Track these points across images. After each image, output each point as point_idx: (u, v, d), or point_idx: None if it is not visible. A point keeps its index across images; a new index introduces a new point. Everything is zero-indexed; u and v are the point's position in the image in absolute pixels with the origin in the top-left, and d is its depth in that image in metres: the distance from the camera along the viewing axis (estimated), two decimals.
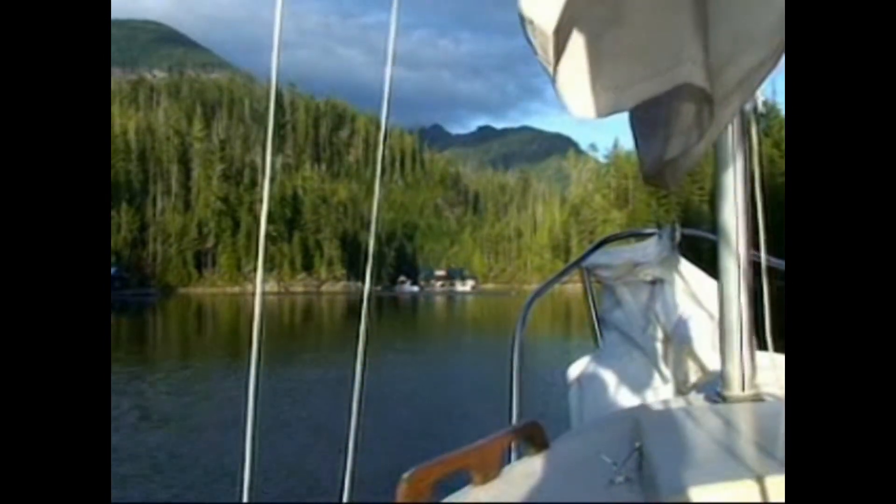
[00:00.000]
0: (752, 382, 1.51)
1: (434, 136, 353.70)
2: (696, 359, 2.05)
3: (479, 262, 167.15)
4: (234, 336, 28.89)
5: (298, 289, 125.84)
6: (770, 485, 0.93)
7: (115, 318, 40.19)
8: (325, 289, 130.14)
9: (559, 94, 1.13)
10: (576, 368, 2.32)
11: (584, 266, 2.43)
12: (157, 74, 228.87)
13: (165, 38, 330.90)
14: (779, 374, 1.51)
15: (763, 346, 1.57)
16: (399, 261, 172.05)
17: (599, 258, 2.40)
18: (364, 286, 1.66)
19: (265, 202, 1.54)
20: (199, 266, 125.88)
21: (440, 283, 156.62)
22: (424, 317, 55.05)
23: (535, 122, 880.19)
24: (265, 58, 1.42)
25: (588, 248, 2.47)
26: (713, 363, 1.95)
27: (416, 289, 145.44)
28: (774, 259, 1.52)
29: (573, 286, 2.73)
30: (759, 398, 1.49)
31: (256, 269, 1.59)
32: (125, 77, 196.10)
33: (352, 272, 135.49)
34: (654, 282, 2.29)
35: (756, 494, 0.93)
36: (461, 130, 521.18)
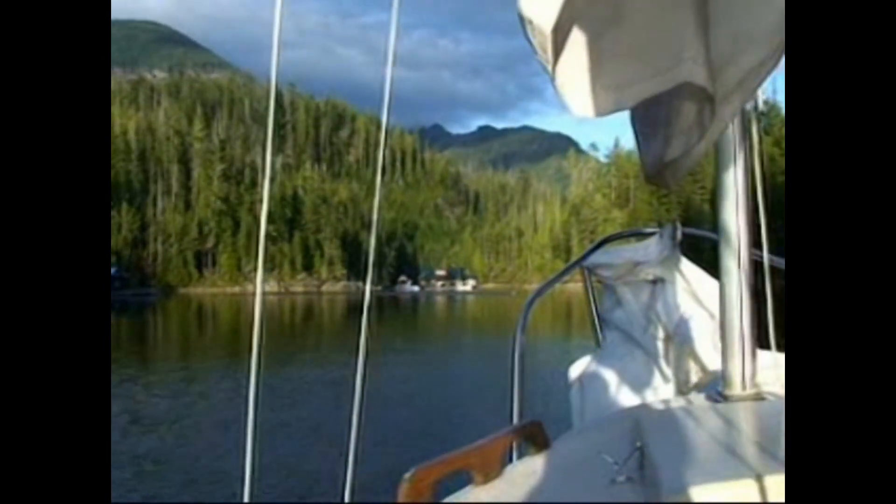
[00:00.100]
0: (753, 382, 1.51)
1: (434, 136, 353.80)
2: (697, 358, 2.05)
3: (480, 262, 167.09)
4: (235, 336, 28.88)
5: (299, 289, 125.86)
6: (771, 484, 0.93)
7: (116, 318, 40.21)
8: (326, 289, 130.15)
9: (559, 93, 1.13)
10: (577, 368, 2.32)
11: (585, 265, 2.43)
12: (158, 74, 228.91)
13: (165, 38, 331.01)
14: (779, 374, 1.51)
15: (764, 346, 1.57)
16: (399, 260, 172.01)
17: (600, 258, 2.40)
18: (364, 286, 1.66)
19: (265, 202, 1.54)
20: (200, 266, 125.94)
21: (441, 283, 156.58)
22: (425, 316, 55.05)
23: (536, 122, 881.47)
24: (265, 58, 1.42)
25: (589, 248, 2.47)
26: (714, 362, 1.94)
27: (417, 288, 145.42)
28: (775, 258, 1.52)
29: (574, 286, 2.73)
30: (760, 397, 1.49)
31: (257, 269, 1.59)
32: (125, 77, 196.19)
33: (352, 272, 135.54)
34: (655, 281, 2.29)
35: (757, 494, 0.92)
36: (461, 130, 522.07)
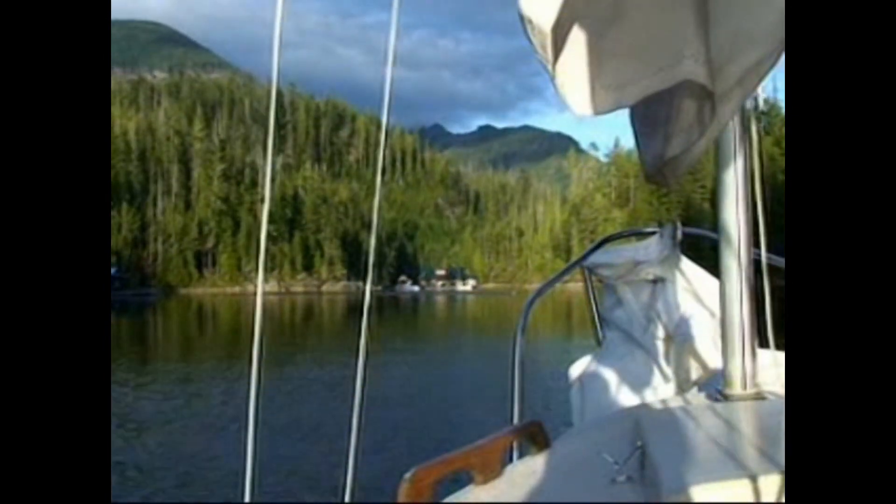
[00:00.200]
0: (754, 381, 1.50)
1: (434, 136, 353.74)
2: (698, 357, 2.05)
3: (480, 262, 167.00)
4: (235, 336, 28.89)
5: (299, 289, 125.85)
6: (771, 483, 0.92)
7: (116, 319, 40.22)
8: (326, 289, 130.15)
9: (559, 92, 1.13)
10: (577, 368, 2.32)
11: (586, 265, 2.42)
12: (158, 75, 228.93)
13: (165, 39, 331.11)
14: (780, 373, 1.51)
15: (763, 344, 1.57)
16: (400, 260, 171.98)
17: (600, 257, 2.40)
18: (365, 286, 1.66)
19: (266, 202, 1.54)
20: (200, 266, 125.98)
21: (441, 283, 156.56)
22: (425, 316, 55.04)
23: (536, 122, 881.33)
24: (265, 58, 1.42)
25: (589, 248, 2.47)
26: (715, 362, 1.94)
27: (417, 288, 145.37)
28: (775, 257, 1.52)
29: (574, 285, 2.73)
30: (761, 396, 1.48)
31: (257, 270, 1.59)
32: (125, 77, 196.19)
33: (352, 272, 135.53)
34: (656, 281, 2.29)
35: (758, 494, 0.92)
36: (461, 130, 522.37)
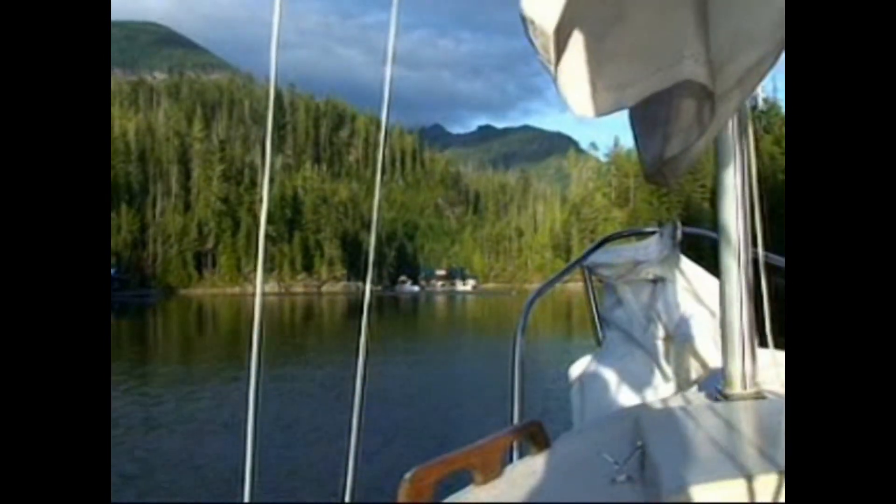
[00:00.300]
0: (754, 380, 1.50)
1: (434, 136, 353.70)
2: (698, 357, 2.05)
3: (480, 262, 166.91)
4: (235, 337, 28.89)
5: (299, 289, 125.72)
6: (771, 483, 0.92)
7: (115, 320, 40.20)
8: (326, 289, 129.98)
9: (560, 94, 1.13)
10: (577, 367, 2.32)
11: (586, 265, 2.43)
12: (157, 76, 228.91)
13: (165, 40, 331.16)
14: (780, 372, 1.51)
15: (762, 344, 1.57)
16: (399, 260, 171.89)
17: (600, 257, 2.40)
18: (365, 286, 1.66)
19: (265, 203, 1.54)
20: (200, 267, 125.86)
21: (441, 283, 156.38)
22: (425, 316, 55.03)
23: (536, 122, 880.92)
24: (265, 58, 1.42)
25: (589, 247, 2.47)
26: (715, 361, 1.94)
27: (417, 288, 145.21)
28: (775, 256, 1.52)
29: (574, 285, 2.73)
30: (761, 396, 1.48)
31: (257, 270, 1.59)
32: (125, 78, 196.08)
33: (352, 272, 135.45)
34: (656, 280, 2.29)
35: (758, 493, 0.92)
36: (461, 130, 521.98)
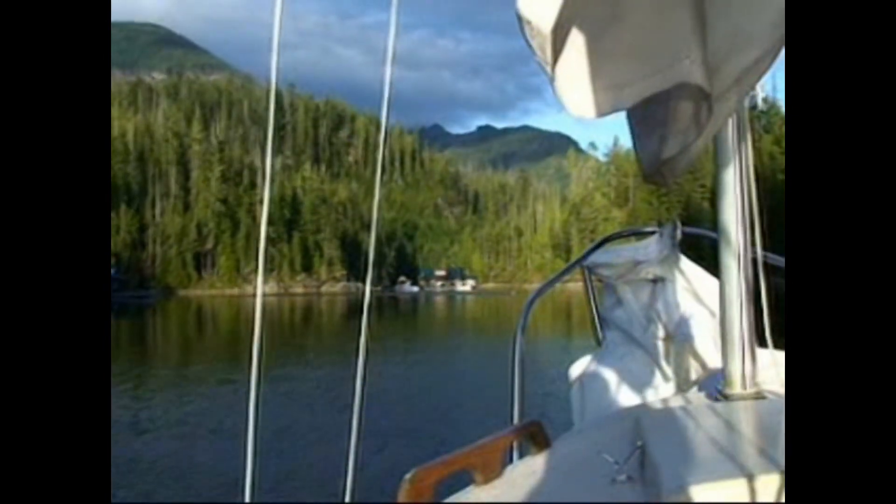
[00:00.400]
0: (754, 380, 1.51)
1: (434, 136, 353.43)
2: (698, 357, 2.05)
3: (479, 262, 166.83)
4: (234, 338, 28.88)
5: (298, 290, 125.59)
6: (771, 483, 0.93)
7: (114, 321, 40.16)
8: (325, 289, 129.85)
9: (557, 94, 1.13)
10: (577, 367, 2.32)
11: (586, 265, 2.43)
12: (156, 76, 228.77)
13: (164, 40, 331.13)
14: (780, 372, 1.51)
15: (762, 343, 1.57)
16: (399, 261, 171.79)
17: (600, 257, 2.40)
18: (364, 287, 1.66)
19: (265, 204, 1.54)
20: (199, 268, 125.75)
21: (440, 283, 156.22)
22: (425, 317, 55.01)
23: (535, 122, 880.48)
24: (264, 59, 1.42)
25: (589, 247, 2.47)
26: (714, 361, 1.94)
27: (417, 289, 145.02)
28: (775, 256, 1.52)
29: (574, 285, 2.73)
30: (761, 396, 1.49)
31: (257, 271, 1.59)
32: (124, 79, 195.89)
33: (352, 273, 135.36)
34: (656, 280, 2.29)
35: (758, 493, 0.92)
36: (461, 130, 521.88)
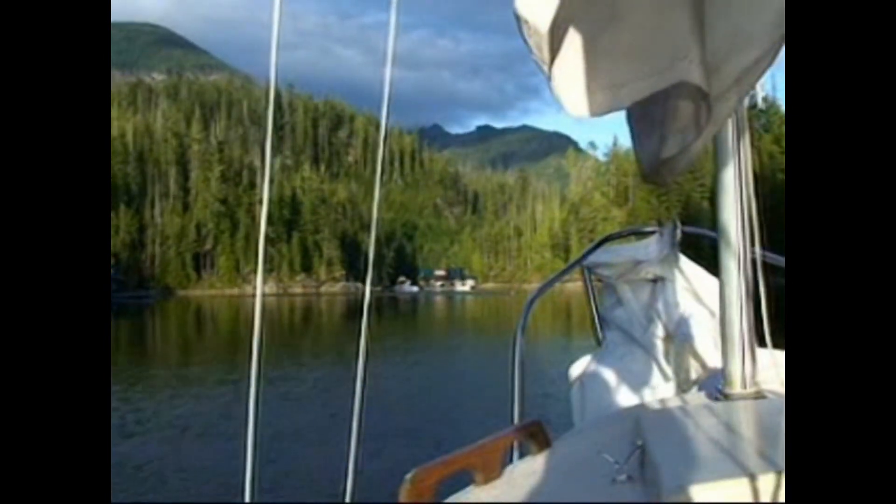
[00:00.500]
0: (754, 380, 1.51)
1: (433, 136, 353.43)
2: (698, 357, 2.05)
3: (479, 262, 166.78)
4: (234, 338, 28.87)
5: (297, 290, 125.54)
6: (771, 482, 0.93)
7: (114, 321, 40.13)
8: (325, 290, 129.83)
9: (555, 93, 1.13)
10: (577, 367, 2.32)
11: (585, 265, 2.43)
12: (156, 77, 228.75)
13: (164, 41, 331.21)
14: (780, 372, 1.51)
15: (764, 344, 1.57)
16: (398, 261, 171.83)
17: (600, 257, 2.40)
18: (364, 287, 1.66)
19: (265, 204, 1.54)
20: (198, 268, 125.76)
21: (440, 283, 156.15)
22: (424, 317, 54.99)
23: (535, 122, 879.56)
24: (263, 59, 1.42)
25: (589, 247, 2.47)
26: (714, 361, 1.94)
27: (416, 289, 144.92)
28: (775, 256, 1.52)
29: (574, 285, 2.73)
30: (761, 395, 1.49)
31: (256, 272, 1.59)
32: (124, 80, 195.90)
33: (351, 273, 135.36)
34: (656, 280, 2.29)
35: (758, 492, 0.92)
36: (460, 130, 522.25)
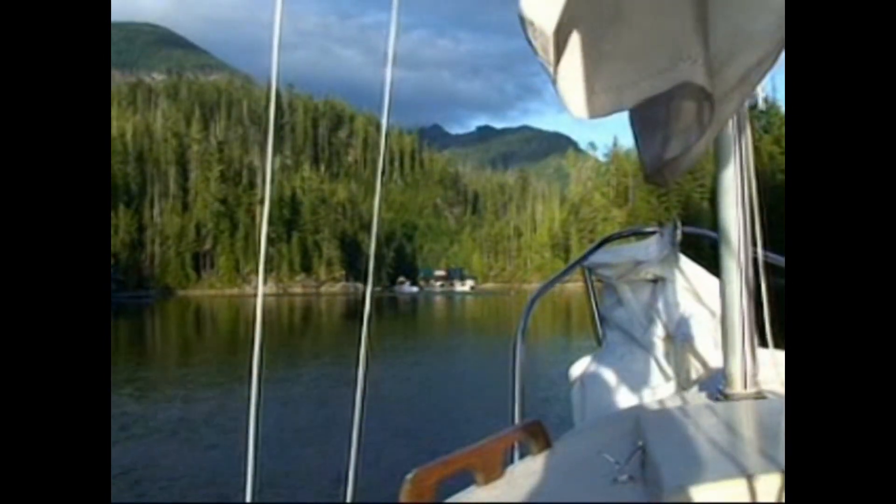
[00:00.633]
0: (754, 380, 1.51)
1: (433, 136, 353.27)
2: (698, 357, 2.05)
3: (479, 262, 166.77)
4: (234, 338, 28.88)
5: (297, 290, 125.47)
6: (771, 482, 0.93)
7: (113, 321, 40.11)
8: (324, 290, 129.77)
9: (559, 95, 1.13)
10: (578, 367, 2.32)
11: (586, 265, 2.43)
12: (156, 76, 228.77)
13: (164, 41, 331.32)
14: (780, 372, 1.51)
15: (764, 344, 1.57)
16: (398, 261, 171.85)
17: (601, 257, 2.40)
18: (364, 287, 1.66)
19: (265, 204, 1.54)
20: (198, 268, 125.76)
21: (439, 283, 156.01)
22: (424, 317, 54.98)
23: (535, 122, 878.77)
24: (263, 59, 1.42)
25: (589, 247, 2.47)
26: (715, 361, 1.94)
27: (416, 289, 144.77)
28: (775, 256, 1.52)
29: (574, 285, 2.73)
30: (761, 396, 1.49)
31: (256, 272, 1.59)
32: (124, 80, 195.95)
33: (351, 273, 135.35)
34: (656, 280, 2.29)
35: (758, 493, 0.93)
36: (460, 130, 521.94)
